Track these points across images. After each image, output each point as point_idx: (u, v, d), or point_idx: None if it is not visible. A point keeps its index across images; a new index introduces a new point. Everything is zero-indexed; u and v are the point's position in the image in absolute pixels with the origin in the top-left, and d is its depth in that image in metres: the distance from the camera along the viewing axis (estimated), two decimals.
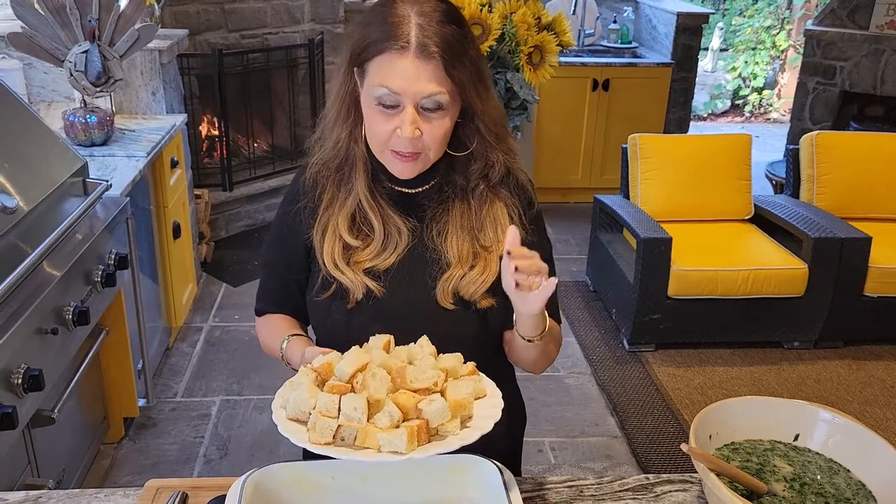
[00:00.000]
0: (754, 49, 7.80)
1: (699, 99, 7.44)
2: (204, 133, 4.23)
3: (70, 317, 1.87)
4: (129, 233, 2.35)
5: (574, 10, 5.11)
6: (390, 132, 1.09)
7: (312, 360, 1.04)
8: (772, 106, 7.85)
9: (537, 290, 1.03)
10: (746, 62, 7.80)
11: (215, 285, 3.72)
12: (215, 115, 4.11)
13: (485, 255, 1.18)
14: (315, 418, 0.93)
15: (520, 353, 1.21)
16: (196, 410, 2.79)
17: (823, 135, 3.58)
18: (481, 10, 3.51)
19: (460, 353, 1.05)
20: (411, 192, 1.20)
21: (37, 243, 1.82)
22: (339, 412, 0.93)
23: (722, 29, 7.88)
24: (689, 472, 1.15)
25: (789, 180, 3.70)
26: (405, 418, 0.94)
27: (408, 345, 1.06)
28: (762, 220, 3.51)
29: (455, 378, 1.02)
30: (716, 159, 3.52)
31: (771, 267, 3.17)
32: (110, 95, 2.83)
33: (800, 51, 5.88)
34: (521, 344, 1.15)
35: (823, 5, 5.09)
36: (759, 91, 7.81)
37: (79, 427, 2.27)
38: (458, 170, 1.19)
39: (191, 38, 3.68)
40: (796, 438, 1.09)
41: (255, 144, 4.45)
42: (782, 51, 7.79)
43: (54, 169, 2.11)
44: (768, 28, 7.79)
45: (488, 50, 3.54)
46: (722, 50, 7.97)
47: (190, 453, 2.56)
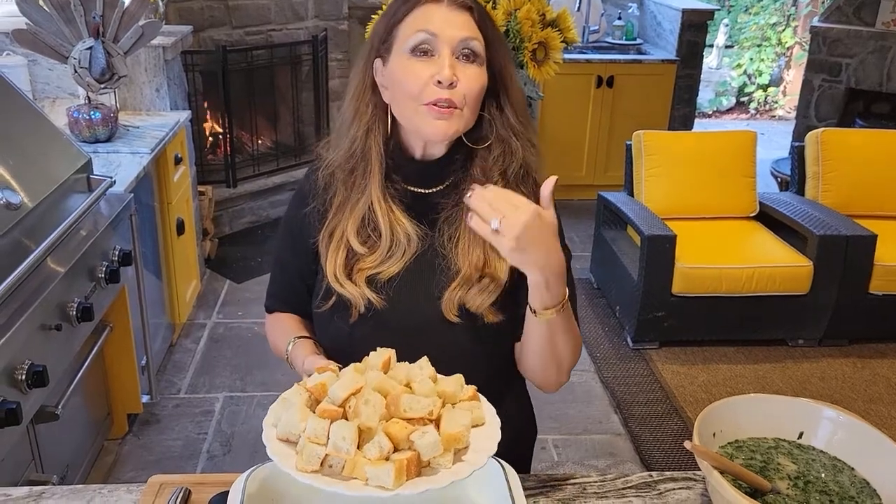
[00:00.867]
0: (760, 46, 7.78)
1: (704, 96, 7.43)
2: (208, 130, 4.24)
3: (74, 313, 1.87)
4: (133, 229, 2.35)
5: (579, 7, 5.10)
6: (426, 80, 1.07)
7: (311, 373, 1.02)
8: (777, 103, 7.82)
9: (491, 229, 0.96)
10: (752, 59, 7.78)
11: (219, 282, 3.72)
12: (219, 111, 4.12)
13: (496, 264, 1.13)
14: (303, 443, 0.90)
15: (530, 347, 1.14)
16: (199, 407, 2.79)
17: (829, 132, 3.57)
18: (485, 7, 3.50)
19: (461, 375, 1.00)
20: (425, 192, 1.17)
21: (41, 239, 1.82)
22: (328, 439, 0.90)
23: (727, 26, 7.86)
24: (693, 470, 1.14)
25: (794, 178, 3.69)
26: (396, 449, 0.90)
27: (408, 363, 1.01)
28: (767, 217, 3.50)
29: (454, 403, 0.97)
30: (720, 156, 3.51)
31: (776, 264, 3.16)
32: (114, 92, 2.84)
33: (805, 48, 5.86)
34: (530, 322, 1.09)
35: (829, 2, 5.07)
36: (765, 88, 7.78)
37: (83, 423, 2.28)
38: (475, 163, 1.16)
39: (195, 34, 3.68)
40: (800, 436, 1.08)
41: (259, 141, 4.45)
42: (788, 48, 7.77)
43: (58, 165, 2.11)
44: (774, 25, 7.76)
45: None
46: (727, 47, 7.95)
47: (193, 450, 2.57)
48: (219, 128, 4.22)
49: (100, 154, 2.62)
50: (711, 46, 7.73)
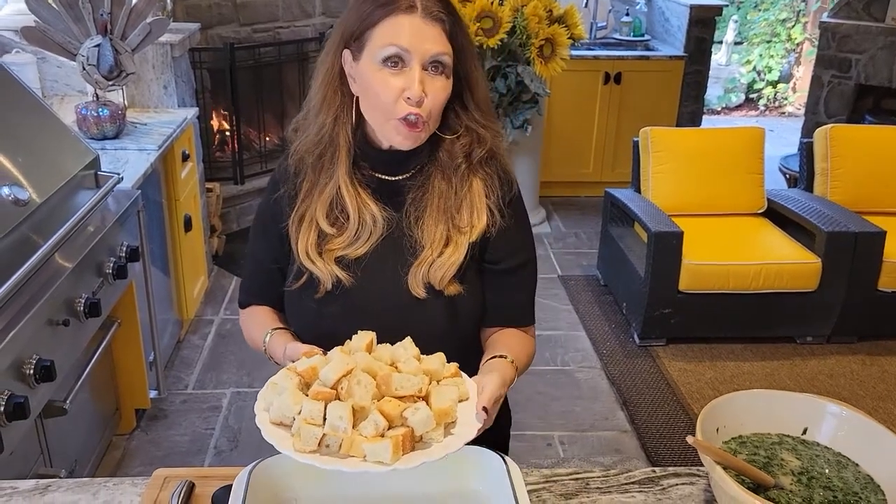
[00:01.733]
0: (769, 42, 7.73)
1: (713, 92, 7.39)
2: (215, 127, 4.25)
3: (81, 308, 1.88)
4: (141, 225, 2.36)
5: (586, 3, 5.08)
6: (397, 94, 1.10)
7: (294, 358, 1.04)
8: (787, 100, 7.78)
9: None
10: (761, 55, 7.73)
11: (226, 278, 3.73)
12: (227, 108, 4.13)
13: (456, 238, 1.18)
14: (299, 425, 0.93)
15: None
16: (207, 402, 2.81)
17: (838, 128, 3.54)
18: (492, 3, 3.49)
19: (443, 354, 1.05)
20: (392, 179, 1.21)
21: (49, 235, 1.83)
22: (324, 420, 0.93)
23: (736, 22, 7.81)
24: (697, 466, 1.14)
25: (803, 174, 3.67)
26: (390, 426, 0.94)
27: (390, 344, 1.05)
28: (775, 214, 3.48)
29: (438, 381, 1.01)
30: (728, 153, 3.49)
31: (784, 261, 3.14)
32: (122, 89, 2.85)
33: (815, 44, 5.82)
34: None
35: None
36: (774, 85, 7.74)
37: (91, 418, 2.29)
38: (442, 148, 1.19)
39: (202, 32, 3.69)
40: (804, 432, 1.08)
41: (267, 138, 4.46)
42: (797, 44, 7.72)
43: (66, 162, 2.12)
44: (783, 21, 7.71)
45: (499, 43, 3.53)
46: (736, 43, 7.91)
47: (201, 445, 2.58)
48: (226, 125, 4.23)
49: (108, 151, 2.63)
50: (720, 43, 7.69)
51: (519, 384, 1.24)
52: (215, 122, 4.24)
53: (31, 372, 1.61)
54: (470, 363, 1.14)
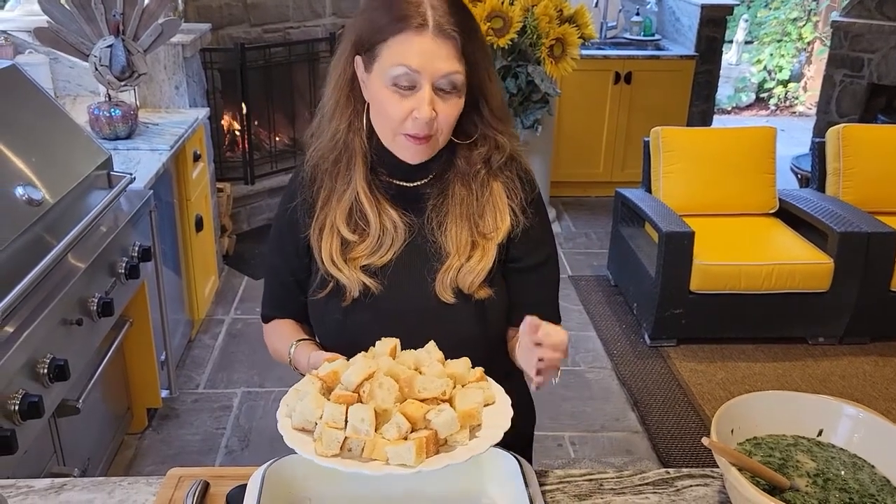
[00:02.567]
0: (780, 41, 7.70)
1: (724, 92, 7.36)
2: (226, 127, 4.26)
3: (94, 308, 1.89)
4: (153, 225, 2.37)
5: (596, 3, 5.07)
6: (405, 114, 1.08)
7: (318, 366, 1.03)
8: (798, 99, 7.74)
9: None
10: (772, 55, 7.70)
11: (237, 278, 3.74)
12: (237, 109, 4.14)
13: (483, 244, 1.16)
14: (321, 429, 0.92)
15: None
16: (218, 402, 2.82)
17: (850, 128, 3.52)
18: (503, 3, 3.49)
19: (468, 358, 1.03)
20: (410, 185, 1.19)
21: (62, 235, 1.84)
22: (346, 423, 0.92)
23: (747, 21, 7.78)
24: (711, 467, 1.14)
25: (815, 174, 3.65)
26: (413, 429, 0.92)
27: (414, 350, 1.04)
28: (787, 214, 3.46)
29: (463, 385, 1.00)
30: (739, 153, 3.48)
31: (795, 262, 3.13)
32: (134, 89, 2.86)
33: (826, 43, 5.79)
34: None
35: None
36: (785, 84, 7.71)
37: (103, 417, 2.30)
38: (459, 155, 1.18)
39: (213, 32, 3.71)
40: (820, 434, 1.07)
41: (277, 138, 4.47)
42: (808, 43, 7.68)
43: (79, 162, 2.13)
44: (794, 20, 7.67)
45: (509, 43, 3.52)
46: (747, 42, 7.87)
47: (212, 444, 2.59)
48: (237, 125, 4.24)
49: (120, 151, 2.65)
50: (731, 42, 7.66)
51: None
52: (226, 123, 4.25)
53: (45, 371, 1.62)
54: (497, 368, 1.12)
